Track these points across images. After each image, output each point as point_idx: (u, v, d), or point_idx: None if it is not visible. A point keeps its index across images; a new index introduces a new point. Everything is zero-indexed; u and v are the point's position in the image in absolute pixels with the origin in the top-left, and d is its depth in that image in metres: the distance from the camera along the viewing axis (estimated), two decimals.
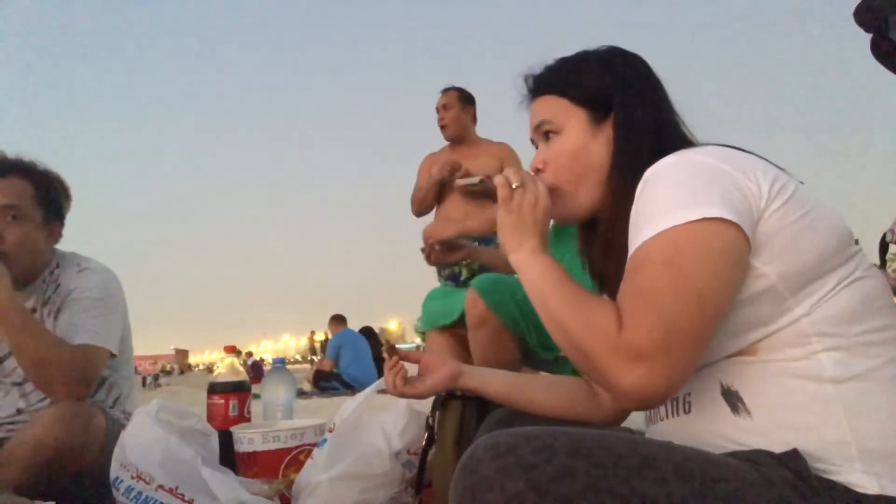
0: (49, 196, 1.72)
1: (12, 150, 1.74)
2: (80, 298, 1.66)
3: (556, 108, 0.98)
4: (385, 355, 1.17)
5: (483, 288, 1.55)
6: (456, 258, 1.98)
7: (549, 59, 1.03)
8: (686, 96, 0.98)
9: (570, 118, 0.97)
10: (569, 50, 1.03)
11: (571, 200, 0.97)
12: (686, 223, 0.73)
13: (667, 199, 0.77)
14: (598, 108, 0.96)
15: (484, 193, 2.42)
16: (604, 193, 0.94)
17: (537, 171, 0.99)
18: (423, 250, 1.97)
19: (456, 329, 2.07)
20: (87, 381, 1.58)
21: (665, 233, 0.74)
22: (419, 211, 3.03)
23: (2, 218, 1.63)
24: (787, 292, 0.75)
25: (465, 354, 1.90)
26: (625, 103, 0.94)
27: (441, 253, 1.89)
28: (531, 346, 1.59)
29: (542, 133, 0.99)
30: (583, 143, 0.95)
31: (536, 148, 1.02)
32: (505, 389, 1.09)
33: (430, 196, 2.99)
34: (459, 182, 2.77)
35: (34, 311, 1.70)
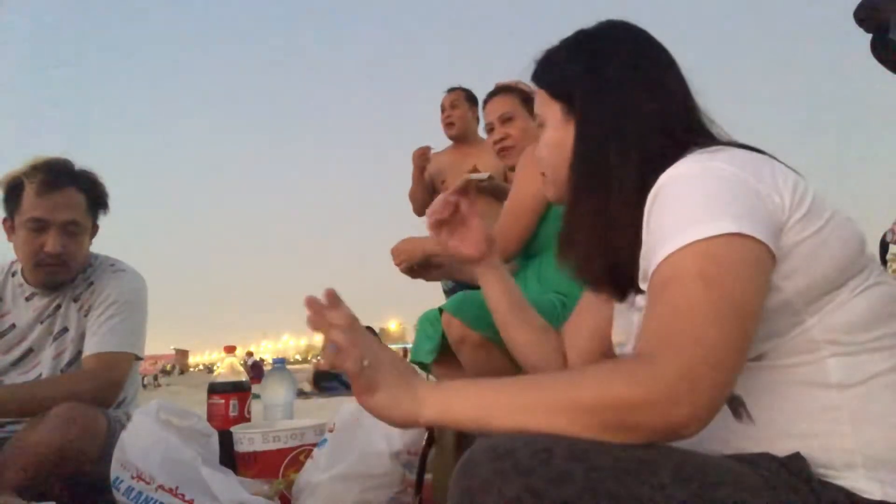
0: (97, 204, 1.78)
1: (14, 148, 1.78)
2: (113, 302, 1.73)
3: (541, 101, 0.97)
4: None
5: (455, 307, 1.57)
6: (434, 277, 2.00)
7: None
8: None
9: (549, 111, 0.95)
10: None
11: (558, 189, 0.95)
12: (716, 236, 0.68)
13: (690, 209, 0.72)
14: (569, 100, 0.91)
15: (490, 192, 2.43)
16: None
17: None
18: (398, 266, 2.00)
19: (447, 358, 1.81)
20: (116, 387, 1.66)
21: (694, 245, 0.69)
22: (416, 209, 3.06)
23: (63, 231, 1.67)
24: (802, 305, 0.73)
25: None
26: (584, 97, 0.89)
27: (420, 272, 1.92)
28: None
29: (539, 125, 0.98)
30: (560, 137, 0.93)
31: None
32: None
33: (420, 193, 3.02)
34: (469, 177, 2.77)
35: (59, 307, 1.75)
